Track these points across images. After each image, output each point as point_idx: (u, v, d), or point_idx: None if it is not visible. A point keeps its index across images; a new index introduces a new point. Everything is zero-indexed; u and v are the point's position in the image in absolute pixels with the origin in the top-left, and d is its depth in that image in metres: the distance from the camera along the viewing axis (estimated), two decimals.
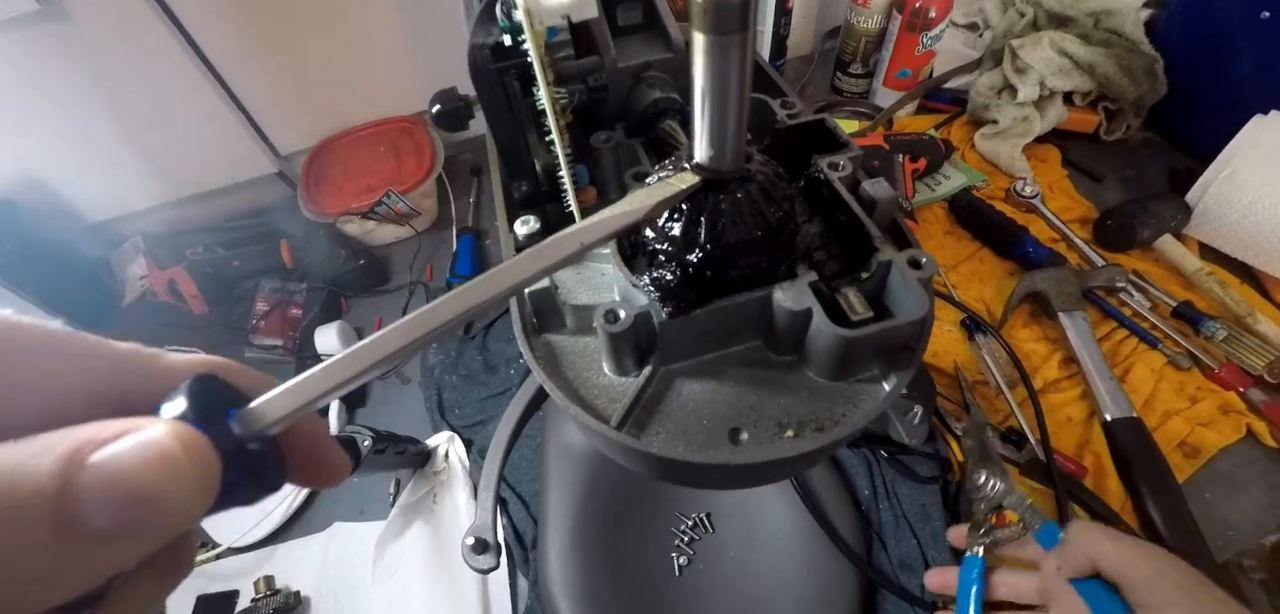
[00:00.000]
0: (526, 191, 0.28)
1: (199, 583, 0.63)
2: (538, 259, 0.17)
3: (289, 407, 0.14)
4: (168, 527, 0.12)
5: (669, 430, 0.20)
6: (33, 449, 0.11)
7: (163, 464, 0.12)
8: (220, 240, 0.91)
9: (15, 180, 0.84)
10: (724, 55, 0.16)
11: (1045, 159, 0.84)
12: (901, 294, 0.19)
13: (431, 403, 0.72)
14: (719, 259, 0.19)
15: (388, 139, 0.92)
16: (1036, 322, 0.70)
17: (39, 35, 0.72)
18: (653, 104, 0.26)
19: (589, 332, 0.23)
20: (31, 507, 0.11)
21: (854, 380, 0.20)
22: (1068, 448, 0.60)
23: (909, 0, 0.82)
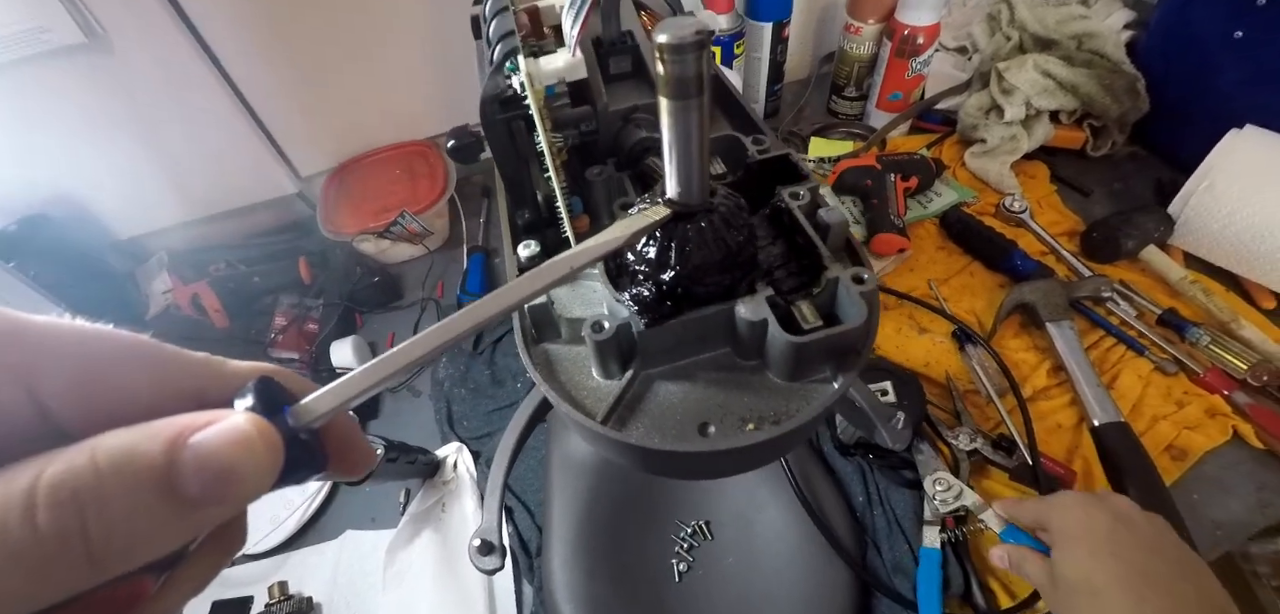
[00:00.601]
0: (529, 219, 0.31)
1: (215, 588, 0.65)
2: (536, 279, 0.20)
3: (331, 404, 0.17)
4: (245, 496, 0.15)
5: (647, 425, 0.23)
6: (145, 433, 0.14)
7: (243, 446, 0.15)
8: (242, 257, 0.95)
9: (50, 195, 0.89)
10: (685, 115, 0.19)
11: (1034, 175, 0.87)
12: (847, 305, 0.22)
13: (441, 415, 0.75)
14: (687, 278, 0.22)
15: (403, 162, 0.96)
16: (1026, 332, 0.72)
17: (81, 63, 0.77)
18: (639, 142, 0.29)
19: (581, 341, 0.26)
20: (145, 476, 0.14)
21: (808, 381, 0.23)
22: (1057, 453, 0.62)
23: (898, 27, 0.85)
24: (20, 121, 0.81)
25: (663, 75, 0.18)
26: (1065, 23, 0.84)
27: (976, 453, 0.61)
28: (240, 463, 0.15)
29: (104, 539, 0.13)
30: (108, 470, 0.13)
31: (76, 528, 0.13)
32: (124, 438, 0.14)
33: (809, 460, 0.63)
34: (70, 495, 0.13)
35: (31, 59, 0.75)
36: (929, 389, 0.67)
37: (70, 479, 0.13)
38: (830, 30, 1.06)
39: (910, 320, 0.74)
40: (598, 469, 0.65)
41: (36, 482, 0.12)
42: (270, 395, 0.17)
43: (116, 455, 0.13)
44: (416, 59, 0.90)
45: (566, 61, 0.25)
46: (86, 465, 0.13)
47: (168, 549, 0.15)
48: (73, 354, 0.15)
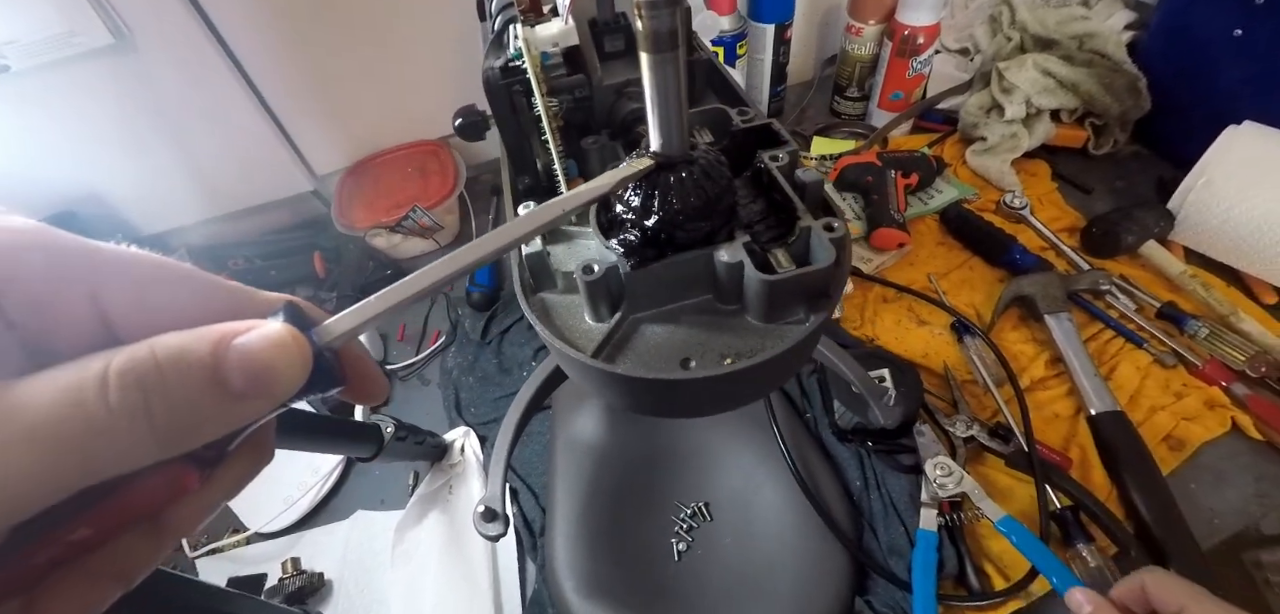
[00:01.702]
0: (528, 184, 0.34)
1: (229, 566, 0.68)
2: (534, 218, 0.22)
3: (351, 324, 0.20)
4: (280, 392, 0.17)
5: (633, 361, 0.25)
6: (195, 335, 0.16)
7: (280, 348, 0.17)
8: (259, 252, 0.99)
9: (77, 193, 0.93)
10: (663, 69, 0.21)
11: (1035, 173, 0.88)
12: (818, 249, 0.24)
13: (449, 402, 0.78)
14: (669, 223, 0.24)
15: (415, 160, 0.99)
16: (1024, 324, 0.73)
17: (109, 65, 0.81)
18: (631, 112, 0.31)
19: (575, 291, 0.28)
20: (196, 369, 0.16)
21: (783, 322, 0.25)
22: (1054, 442, 0.63)
23: (898, 28, 0.87)
24: (50, 122, 0.85)
25: (642, 30, 0.20)
26: (1066, 23, 0.86)
27: (973, 440, 0.62)
28: (276, 362, 0.17)
29: (165, 419, 0.15)
30: (165, 362, 0.16)
31: (142, 407, 0.15)
32: (177, 337, 0.16)
33: (807, 445, 0.65)
34: (135, 380, 0.15)
35: (62, 62, 0.78)
36: (927, 379, 0.68)
37: (135, 366, 0.15)
38: (833, 32, 1.08)
39: (909, 313, 0.76)
40: (601, 451, 0.66)
41: (108, 367, 0.15)
42: (298, 316, 0.19)
43: (172, 350, 0.16)
44: (430, 60, 0.93)
45: (560, 28, 0.27)
46: (148, 356, 0.15)
47: (217, 434, 0.17)
48: (132, 273, 0.18)
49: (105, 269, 0.17)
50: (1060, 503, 0.57)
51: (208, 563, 0.69)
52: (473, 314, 0.85)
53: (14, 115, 0.82)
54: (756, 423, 0.65)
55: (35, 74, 0.78)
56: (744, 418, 0.66)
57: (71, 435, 0.14)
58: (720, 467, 0.65)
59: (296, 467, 0.72)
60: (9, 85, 0.78)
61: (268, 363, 0.17)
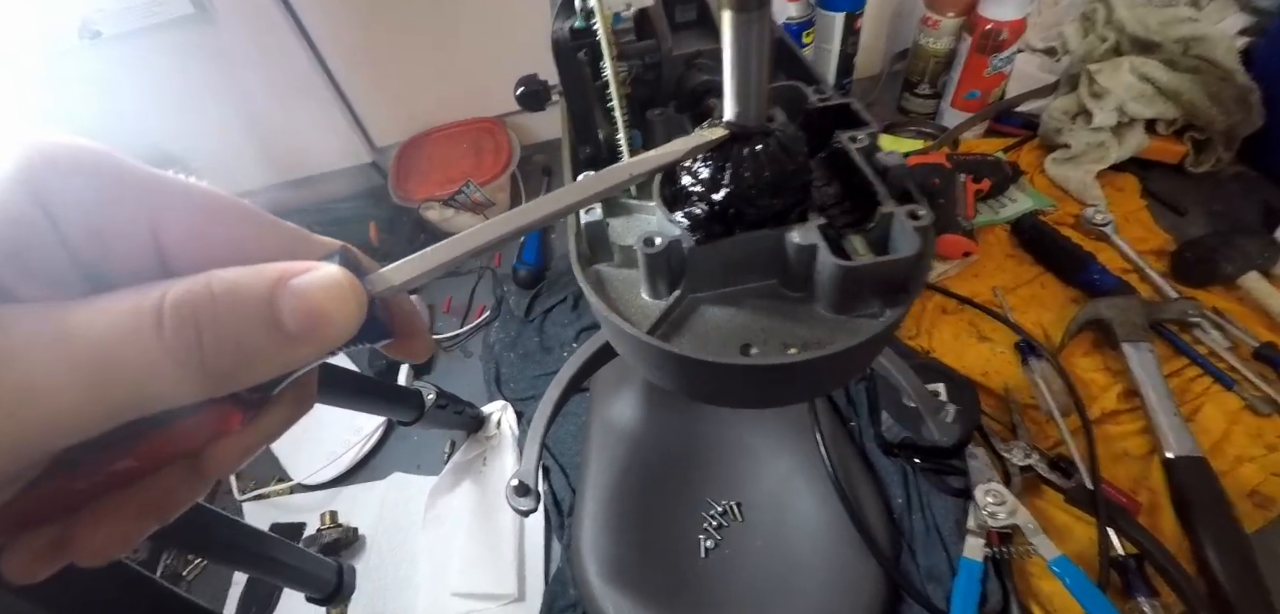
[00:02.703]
0: (590, 154, 0.33)
1: (271, 513, 0.71)
2: (599, 181, 0.21)
3: (404, 276, 0.19)
4: (333, 338, 0.17)
5: (690, 341, 0.23)
6: (252, 271, 0.16)
7: (336, 291, 0.17)
8: (318, 219, 1.02)
9: (154, 156, 0.98)
10: (746, 29, 0.19)
11: (1122, 188, 0.82)
12: (900, 238, 0.22)
13: (489, 375, 0.78)
14: (739, 198, 0.22)
15: (470, 137, 1.00)
16: (1098, 351, 0.68)
17: (188, 34, 0.85)
18: (701, 84, 0.30)
19: (631, 265, 0.27)
20: (252, 306, 0.16)
21: (855, 315, 0.23)
22: (1122, 481, 0.58)
23: (980, 22, 0.82)
24: (133, 87, 0.89)
25: None
26: (1170, 25, 0.79)
27: (1031, 469, 0.59)
28: (331, 306, 0.17)
29: (215, 355, 0.15)
30: (221, 295, 0.15)
31: (194, 341, 0.15)
32: (235, 272, 0.16)
33: (849, 454, 0.62)
34: (191, 312, 0.15)
35: (146, 30, 0.82)
36: (985, 399, 0.65)
37: (191, 298, 0.15)
38: (905, 25, 1.03)
39: (970, 327, 0.72)
40: (636, 438, 0.66)
41: (164, 297, 0.15)
42: (353, 263, 0.19)
43: (229, 284, 0.15)
44: (491, 36, 0.94)
45: None
46: (203, 289, 0.15)
47: (266, 376, 0.16)
48: (192, 205, 0.18)
49: (165, 199, 0.17)
50: (1123, 549, 0.53)
51: (253, 507, 0.72)
52: (518, 291, 0.86)
53: (102, 79, 0.87)
54: (798, 426, 0.63)
55: (122, 41, 0.83)
56: (785, 419, 0.64)
57: (123, 365, 0.14)
58: (756, 467, 0.64)
59: (340, 424, 0.74)
60: (100, 51, 0.83)
61: (322, 306, 0.16)
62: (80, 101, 0.87)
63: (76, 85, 0.86)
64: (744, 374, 0.22)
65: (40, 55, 0.82)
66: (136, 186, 0.17)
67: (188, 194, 0.18)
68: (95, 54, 0.83)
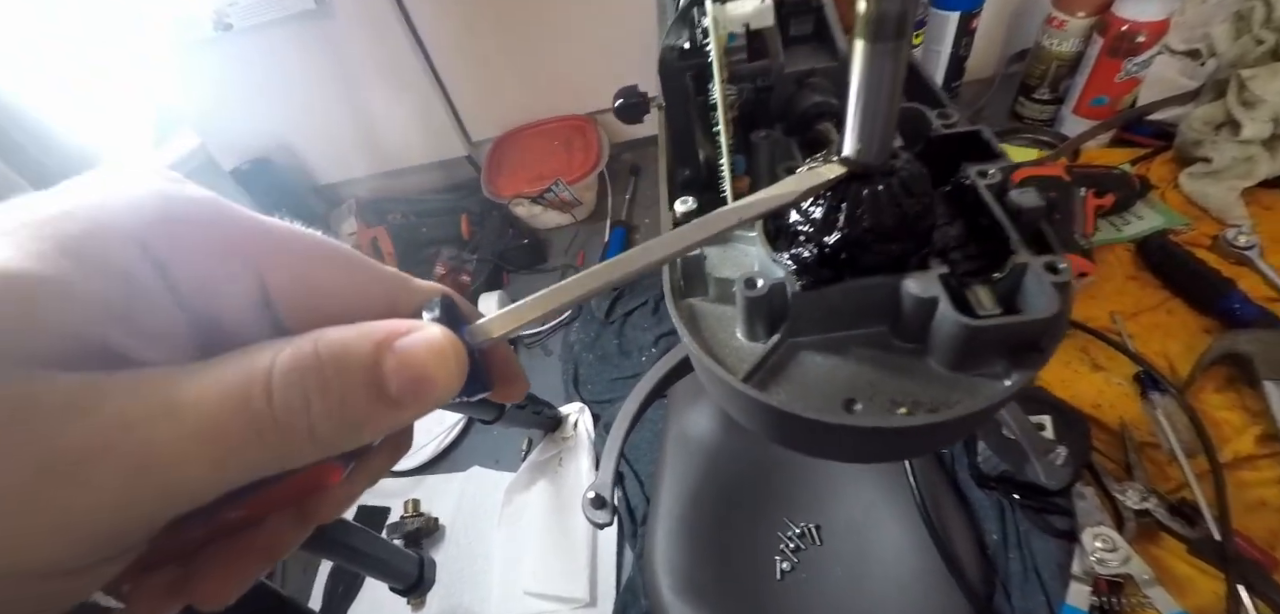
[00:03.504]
0: (687, 177, 0.32)
1: (363, 495, 0.75)
2: (702, 229, 0.20)
3: (505, 327, 0.19)
4: (436, 400, 0.17)
5: (789, 391, 0.22)
6: (357, 333, 0.16)
7: (439, 355, 0.17)
8: (415, 209, 1.07)
9: (271, 143, 1.06)
10: (879, 61, 0.18)
11: (1270, 207, 0.72)
12: (1034, 295, 0.20)
13: (568, 376, 0.80)
14: (854, 242, 0.21)
15: (561, 134, 1.02)
16: (1233, 388, 0.61)
17: (309, 28, 0.91)
18: (813, 106, 0.28)
19: (727, 301, 0.26)
20: (358, 371, 0.16)
21: (975, 374, 0.21)
22: (1257, 534, 0.53)
23: (1114, 22, 0.74)
24: (258, 78, 0.97)
25: (863, 12, 0.17)
26: None
27: (1148, 514, 0.54)
28: (435, 370, 0.17)
29: (323, 421, 0.15)
30: (328, 360, 0.15)
31: (302, 407, 0.15)
32: (341, 335, 0.16)
33: (939, 483, 0.59)
34: (299, 378, 0.15)
35: (271, 23, 0.89)
36: (1096, 435, 0.60)
37: (299, 364, 0.15)
38: (1026, 25, 0.95)
39: (1083, 354, 0.66)
40: (712, 451, 0.65)
41: (273, 364, 0.15)
42: (452, 314, 0.18)
43: (336, 348, 0.15)
44: (591, 36, 0.95)
45: (754, 7, 0.25)
46: (311, 354, 0.15)
47: (368, 439, 0.17)
48: (296, 253, 0.18)
49: (271, 247, 0.17)
50: (1255, 609, 0.48)
51: None
52: None
53: (230, 70, 0.95)
54: None
55: (250, 34, 0.90)
56: None
57: (236, 436, 0.14)
58: (838, 490, 0.61)
59: (426, 416, 0.78)
60: (230, 42, 0.90)
61: (426, 370, 0.16)
62: (210, 89, 0.95)
63: (209, 74, 0.94)
64: (847, 434, 0.21)
65: (174, 46, 0.89)
66: (244, 235, 0.17)
67: (293, 242, 0.18)
68: (225, 45, 0.90)
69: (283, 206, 1.01)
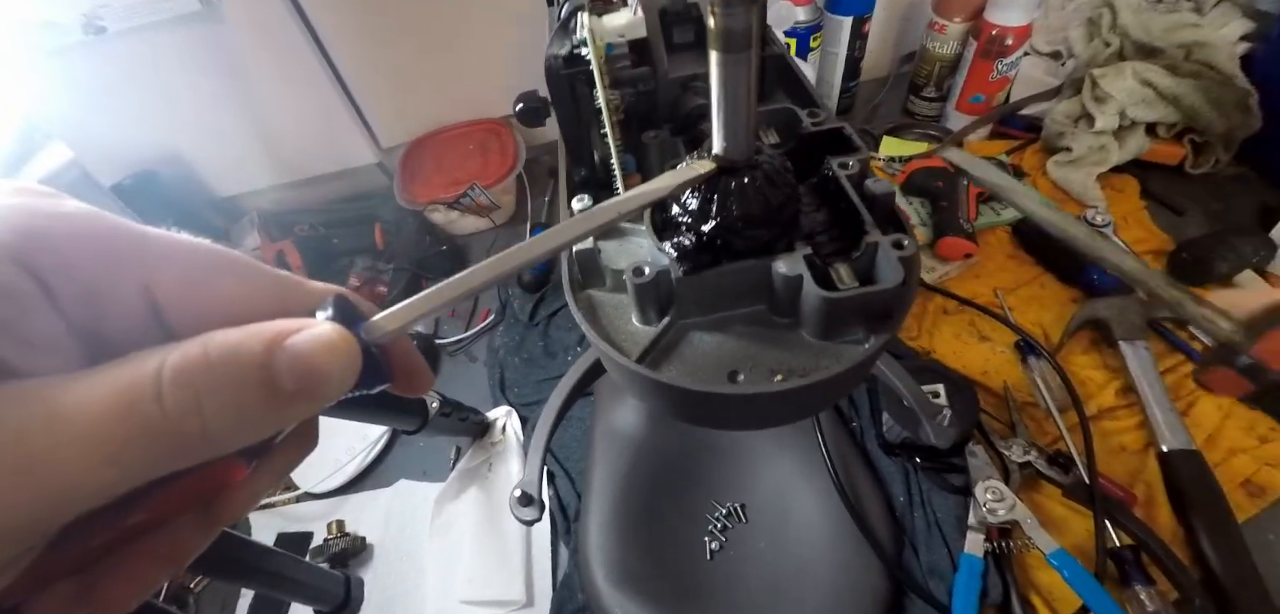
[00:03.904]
0: (584, 176, 0.33)
1: (279, 522, 0.71)
2: (591, 219, 0.22)
3: (398, 322, 0.19)
4: (329, 394, 0.17)
5: (679, 369, 0.24)
6: (248, 332, 0.16)
7: (330, 350, 0.17)
8: (323, 220, 1.03)
9: (160, 154, 0.98)
10: (733, 69, 0.20)
11: (1122, 189, 0.82)
12: (884, 268, 0.23)
13: (494, 380, 0.79)
14: (727, 229, 0.23)
15: (477, 138, 1.01)
16: (1095, 349, 0.69)
17: (195, 31, 0.85)
18: (696, 108, 0.30)
19: (623, 290, 0.27)
20: (249, 370, 0.16)
21: (840, 341, 0.24)
22: (1118, 476, 0.59)
23: (986, 27, 0.82)
24: (138, 84, 0.89)
25: (713, 28, 0.19)
26: (1174, 30, 0.79)
27: (1030, 466, 0.59)
28: (327, 364, 0.17)
29: (216, 420, 0.15)
30: (218, 361, 0.15)
31: (194, 407, 0.15)
32: (231, 336, 0.16)
33: (850, 454, 0.63)
34: (189, 380, 0.15)
35: (152, 26, 0.82)
36: (985, 398, 0.65)
37: (189, 366, 0.15)
38: (913, 28, 1.03)
39: (971, 327, 0.72)
40: (639, 442, 0.66)
41: (162, 366, 0.15)
42: (347, 311, 0.19)
43: (226, 349, 0.16)
44: (497, 40, 0.94)
45: (628, 19, 0.27)
46: (201, 355, 0.15)
47: (265, 434, 0.17)
48: (183, 261, 0.18)
49: (157, 257, 0.17)
50: (1120, 541, 0.54)
51: (260, 517, 0.73)
52: (522, 295, 0.87)
53: (107, 76, 0.87)
54: (800, 427, 0.64)
55: (127, 36, 0.83)
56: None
57: (125, 438, 0.14)
58: (760, 468, 0.64)
59: (346, 432, 0.75)
60: (104, 46, 0.83)
61: (317, 365, 0.17)
62: (84, 98, 0.87)
63: (81, 82, 0.86)
64: (731, 402, 0.23)
65: (41, 50, 0.82)
66: (129, 247, 0.17)
67: (179, 250, 0.18)
68: (99, 50, 0.83)
69: (175, 222, 0.94)
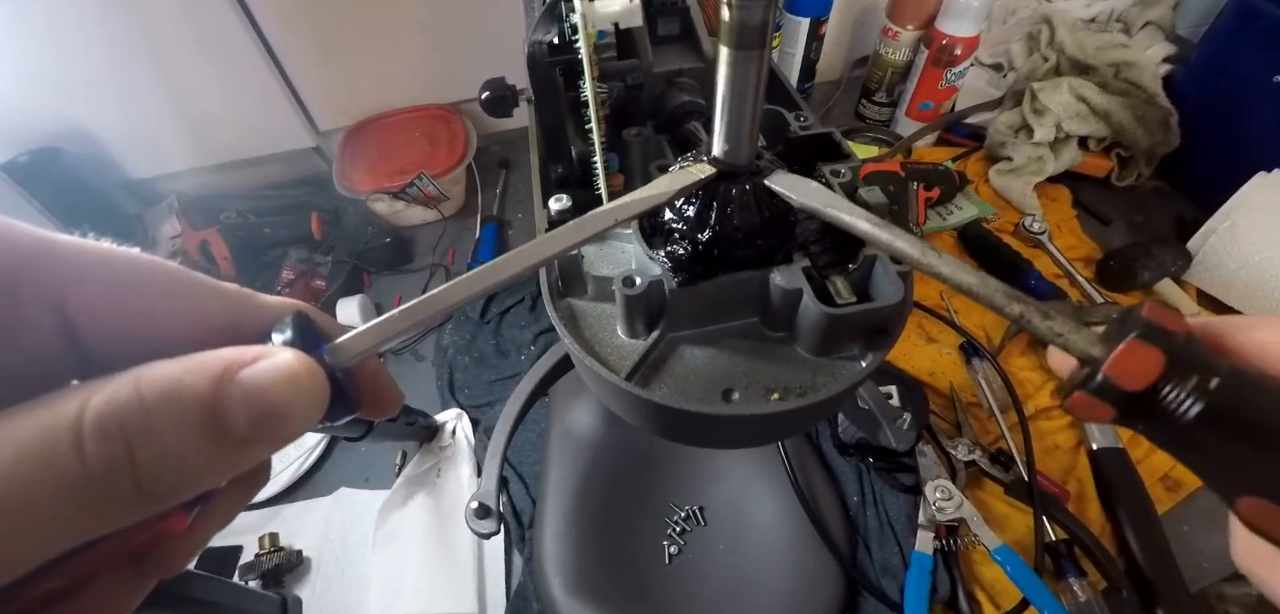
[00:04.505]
0: (561, 174, 0.31)
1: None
2: (584, 227, 0.20)
3: (368, 343, 0.17)
4: (292, 434, 0.15)
5: (670, 386, 0.23)
6: (190, 365, 0.13)
7: (292, 383, 0.14)
8: (253, 207, 0.95)
9: (65, 130, 0.88)
10: (744, 67, 0.19)
11: (1056, 199, 0.86)
12: (883, 283, 0.22)
13: (443, 381, 0.75)
14: (725, 239, 0.22)
15: (424, 125, 0.95)
16: (1033, 351, 0.72)
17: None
18: (681, 106, 0.29)
19: (606, 299, 0.26)
20: (193, 411, 0.13)
21: (836, 357, 0.23)
22: (1053, 472, 0.63)
23: (937, 36, 0.84)
24: (39, 51, 0.80)
25: (727, 21, 0.17)
26: (1105, 50, 0.84)
27: (974, 464, 0.62)
28: (289, 401, 0.14)
29: (152, 473, 0.13)
30: (154, 403, 0.13)
31: (124, 460, 0.12)
32: (169, 370, 0.13)
33: (807, 456, 0.63)
34: (118, 427, 0.12)
35: None
36: (932, 398, 0.67)
37: (117, 411, 0.12)
38: (867, 33, 1.05)
39: (919, 329, 0.74)
40: (596, 446, 0.65)
41: (83, 412, 0.12)
42: (308, 332, 0.16)
43: (163, 387, 0.13)
44: (450, 19, 0.89)
45: (623, 6, 0.25)
46: (132, 396, 0.13)
47: (212, 485, 0.14)
48: (103, 275, 0.15)
49: (70, 269, 0.14)
50: (1055, 536, 0.57)
51: None
52: None
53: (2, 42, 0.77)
54: None
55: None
56: None
57: (37, 503, 0.11)
58: (718, 471, 0.64)
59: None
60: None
61: (277, 402, 0.14)
62: None
63: None
64: (726, 422, 0.22)
65: None
66: (33, 257, 0.14)
67: (98, 262, 0.15)
68: None
69: (80, 206, 0.85)
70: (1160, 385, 0.15)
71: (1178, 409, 0.15)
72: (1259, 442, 0.15)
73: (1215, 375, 0.15)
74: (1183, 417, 0.15)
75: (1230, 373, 0.15)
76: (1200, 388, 0.15)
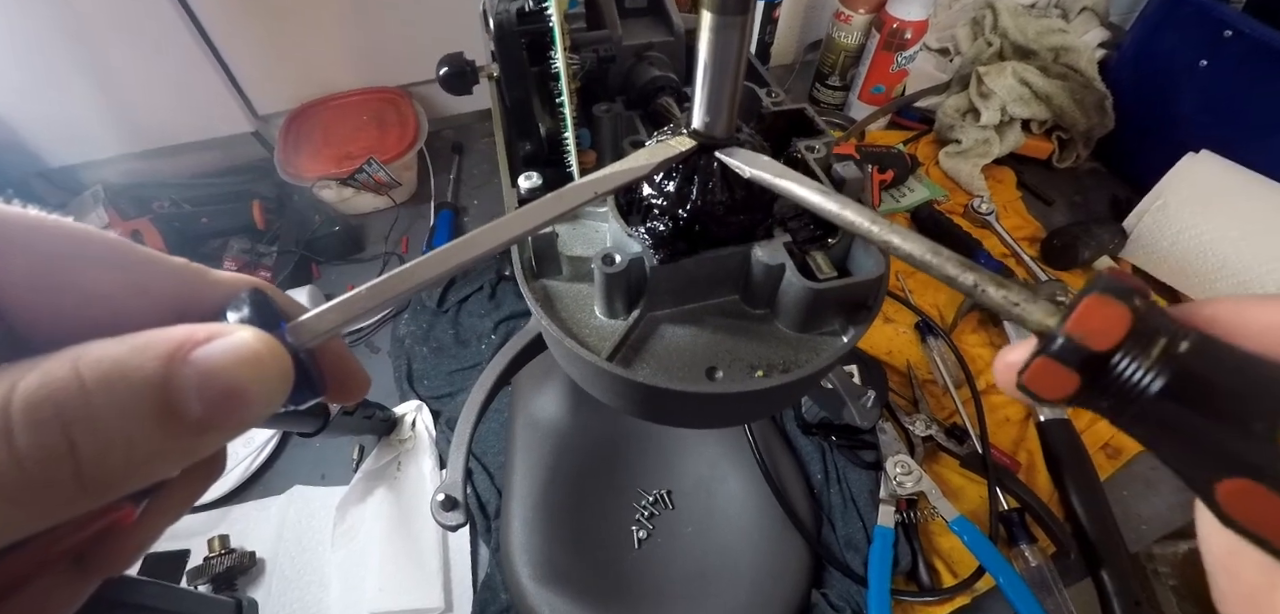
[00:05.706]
0: (529, 152, 0.30)
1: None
2: (559, 201, 0.19)
3: (334, 321, 0.16)
4: (251, 420, 0.13)
5: (653, 366, 0.22)
6: (136, 344, 0.12)
7: (252, 363, 0.13)
8: (189, 196, 0.89)
9: None
10: (727, 33, 0.18)
11: (1001, 180, 0.90)
12: (862, 258, 0.22)
13: (401, 373, 0.73)
14: (707, 214, 0.21)
15: (371, 108, 0.91)
16: (984, 329, 0.75)
17: None
18: (652, 81, 0.28)
19: (582, 279, 0.25)
20: (140, 396, 0.12)
21: (817, 333, 0.23)
22: (1005, 444, 0.65)
23: (888, 20, 0.86)
24: None
25: None
26: (1045, 35, 0.87)
27: (931, 439, 0.64)
28: (249, 383, 0.13)
29: (95, 462, 0.11)
30: (95, 386, 0.11)
31: (63, 449, 0.11)
32: (112, 349, 0.12)
33: (772, 436, 0.64)
34: (53, 412, 0.11)
35: None
36: (890, 376, 0.69)
37: (51, 394, 0.11)
38: (819, 17, 1.06)
39: None
40: (563, 432, 0.64)
41: (9, 396, 0.11)
42: (267, 310, 0.15)
43: (105, 369, 0.12)
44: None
45: None
46: (69, 378, 0.11)
47: (165, 475, 0.13)
48: (29, 246, 0.13)
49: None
50: (1007, 505, 0.60)
51: None
52: None
53: None
54: None
55: None
56: None
57: None
58: (685, 454, 0.64)
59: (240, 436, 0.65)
60: None
61: (236, 384, 0.13)
62: None
63: None
64: (711, 401, 0.21)
65: None
66: None
67: (21, 228, 0.13)
68: None
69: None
70: (1125, 348, 0.14)
71: (1144, 379, 0.14)
72: (1237, 409, 0.13)
73: (1184, 339, 0.13)
74: (1149, 386, 0.13)
75: (1200, 337, 0.13)
76: (1168, 352, 0.13)
